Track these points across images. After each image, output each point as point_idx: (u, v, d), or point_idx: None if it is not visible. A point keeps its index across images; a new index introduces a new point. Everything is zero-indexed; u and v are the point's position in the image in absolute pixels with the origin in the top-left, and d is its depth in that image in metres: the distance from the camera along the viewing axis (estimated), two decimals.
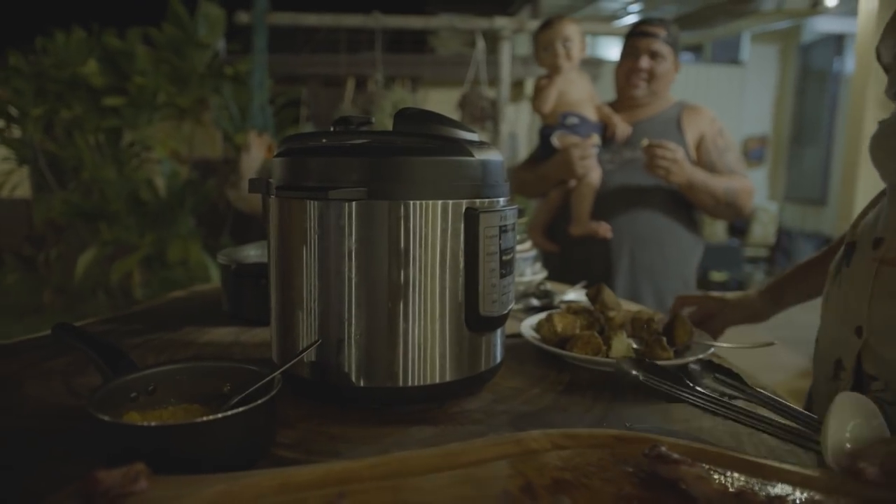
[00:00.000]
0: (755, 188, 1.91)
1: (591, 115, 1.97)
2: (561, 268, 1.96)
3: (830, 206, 7.84)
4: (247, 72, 4.59)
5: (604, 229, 1.84)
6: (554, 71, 1.96)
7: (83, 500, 0.42)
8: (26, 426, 0.68)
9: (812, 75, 8.51)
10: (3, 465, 0.59)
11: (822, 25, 7.55)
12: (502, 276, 0.76)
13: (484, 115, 3.36)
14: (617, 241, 1.88)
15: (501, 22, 3.16)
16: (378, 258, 0.70)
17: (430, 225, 0.71)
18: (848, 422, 0.57)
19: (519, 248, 1.37)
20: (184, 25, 4.75)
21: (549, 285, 1.38)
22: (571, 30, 1.95)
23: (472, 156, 0.74)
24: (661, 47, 1.93)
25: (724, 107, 8.34)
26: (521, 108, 6.04)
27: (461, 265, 0.72)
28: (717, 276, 7.23)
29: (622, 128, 1.94)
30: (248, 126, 3.95)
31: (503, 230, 0.76)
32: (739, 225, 8.12)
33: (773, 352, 5.06)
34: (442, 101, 5.14)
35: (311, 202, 0.71)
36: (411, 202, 0.70)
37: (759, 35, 8.54)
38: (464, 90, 3.38)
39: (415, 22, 3.34)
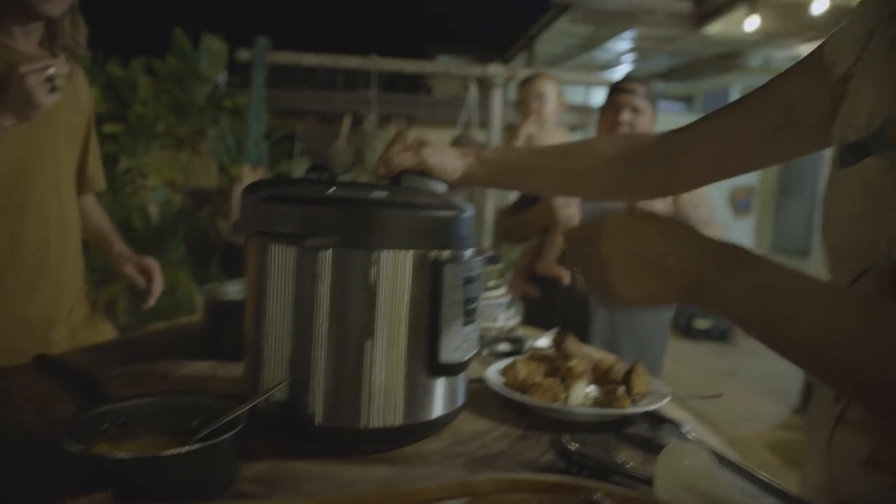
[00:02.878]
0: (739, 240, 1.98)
1: None
2: (541, 312, 2.00)
3: (814, 257, 7.96)
4: (245, 105, 4.69)
5: (563, 275, 1.89)
6: (528, 123, 2.07)
7: None
8: None
9: None
10: None
11: None
12: (465, 324, 0.81)
13: None
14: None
15: (494, 69, 3.28)
16: (347, 304, 0.74)
17: (398, 274, 0.75)
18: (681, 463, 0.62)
19: (493, 294, 1.42)
20: (187, 58, 4.86)
21: (522, 331, 1.42)
22: (547, 87, 2.06)
23: (442, 209, 0.79)
24: (642, 102, 2.03)
25: None
26: None
27: (425, 313, 0.77)
28: (702, 323, 7.26)
29: None
30: (243, 160, 4.03)
31: (468, 281, 0.81)
32: None
33: (755, 402, 5.07)
34: (436, 142, 5.26)
35: (287, 248, 0.75)
36: (381, 252, 0.74)
37: (748, 87, 8.78)
38: (456, 133, 3.49)
39: (410, 66, 3.45)
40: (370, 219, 0.75)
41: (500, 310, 1.44)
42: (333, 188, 0.80)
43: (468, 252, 0.83)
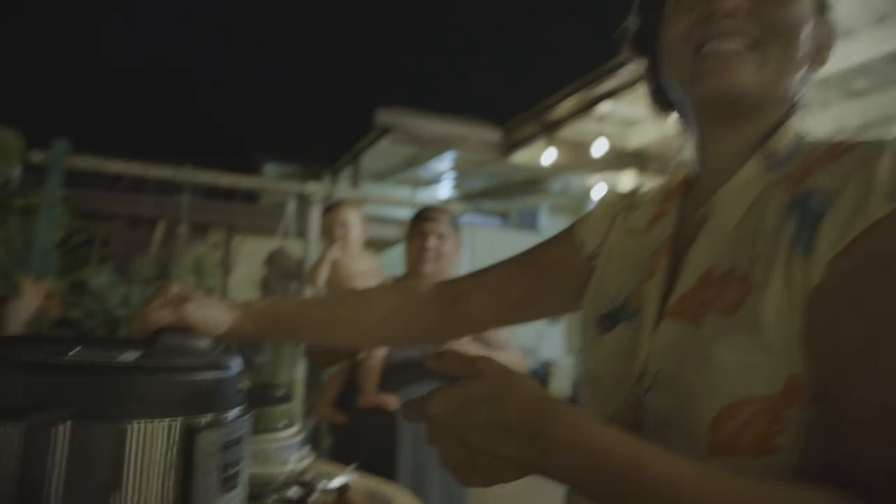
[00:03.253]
0: (523, 359, 2.11)
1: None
2: (348, 440, 1.97)
3: None
4: (41, 206, 4.24)
5: (389, 401, 1.91)
6: (333, 249, 2.12)
7: None
8: None
9: None
10: None
11: None
12: (225, 490, 0.76)
13: (290, 274, 3.42)
14: (401, 413, 1.94)
15: (312, 187, 3.33)
16: (87, 481, 0.67)
17: (148, 447, 0.70)
18: None
19: (284, 434, 1.37)
20: None
21: (316, 471, 1.37)
22: (350, 215, 2.14)
23: (200, 372, 0.76)
24: (446, 229, 2.16)
25: None
26: None
27: (178, 487, 0.71)
28: None
29: None
30: (25, 271, 3.61)
31: (228, 444, 0.77)
32: (539, 378, 8.71)
33: None
34: (257, 251, 5.12)
35: (13, 424, 0.67)
36: (128, 424, 0.69)
37: (555, 207, 9.79)
38: (271, 250, 3.44)
39: (226, 179, 3.39)
40: (115, 387, 0.70)
41: (291, 451, 1.38)
42: (77, 349, 0.74)
43: (232, 413, 0.80)
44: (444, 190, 8.86)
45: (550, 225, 10.01)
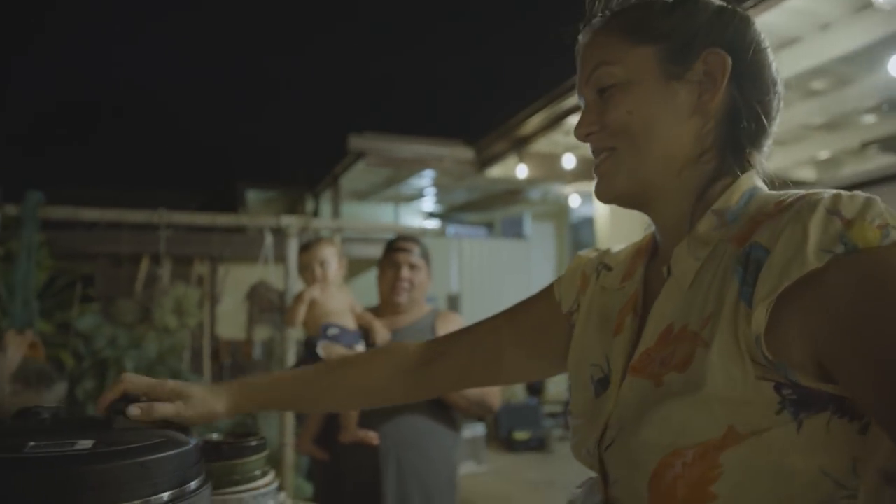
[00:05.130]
0: (500, 388, 2.15)
1: (351, 324, 2.15)
2: (332, 475, 2.00)
3: None
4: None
5: (371, 437, 1.93)
6: (312, 289, 2.15)
7: None
8: None
9: (582, 247, 9.90)
10: None
11: (582, 211, 8.97)
12: None
13: (272, 306, 3.46)
14: (384, 446, 1.97)
15: (288, 220, 3.38)
16: None
17: None
18: None
19: (260, 483, 1.41)
20: None
21: None
22: (328, 252, 2.18)
23: (152, 452, 0.80)
24: (418, 260, 2.19)
25: (513, 274, 9.32)
26: None
27: None
28: (520, 435, 7.58)
29: (382, 335, 2.13)
30: (6, 322, 3.63)
31: None
32: (536, 384, 8.74)
33: None
34: (243, 280, 5.15)
35: None
36: None
37: (538, 214, 9.88)
38: (252, 283, 3.50)
39: (202, 219, 3.44)
40: (72, 478, 0.73)
41: (267, 499, 1.43)
42: (31, 444, 0.77)
43: (192, 485, 0.84)
44: (426, 205, 8.94)
45: (535, 232, 10.10)
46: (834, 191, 0.60)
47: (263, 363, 4.27)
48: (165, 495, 0.78)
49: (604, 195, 0.78)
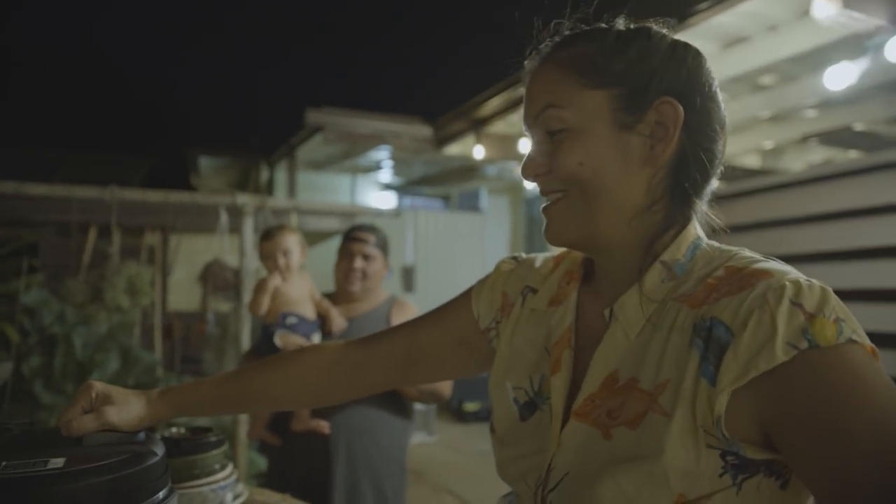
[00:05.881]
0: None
1: (310, 312, 2.18)
2: (283, 459, 2.05)
3: None
4: None
5: (322, 426, 1.99)
6: (274, 277, 2.16)
7: None
8: None
9: (535, 223, 10.10)
10: None
11: (535, 187, 9.08)
12: None
13: (227, 285, 3.44)
14: (335, 435, 2.04)
15: (243, 199, 3.35)
16: None
17: None
18: None
19: (219, 476, 1.46)
20: None
21: None
22: (291, 241, 2.18)
23: (121, 469, 0.84)
24: (372, 250, 2.22)
25: (468, 247, 9.43)
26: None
27: None
28: (470, 406, 7.77)
29: (338, 322, 2.18)
30: None
31: None
32: None
33: None
34: (197, 248, 5.06)
35: None
36: None
37: (493, 189, 9.95)
38: (207, 262, 3.46)
39: (153, 197, 3.38)
40: (44, 499, 0.77)
41: (227, 490, 1.48)
42: (3, 464, 0.79)
43: (161, 494, 0.89)
44: (383, 177, 8.90)
45: (491, 205, 10.19)
46: (792, 276, 0.62)
47: (217, 340, 4.25)
48: None
49: (554, 240, 0.77)
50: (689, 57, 0.72)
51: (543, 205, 0.77)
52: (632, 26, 0.74)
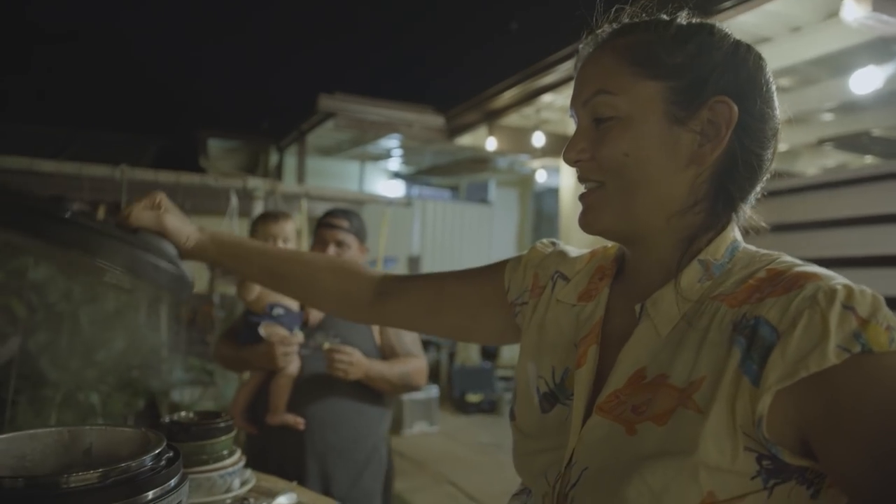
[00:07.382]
0: (426, 366, 2.17)
1: (294, 303, 2.12)
2: (260, 448, 2.03)
3: None
4: None
5: (297, 422, 1.96)
6: None
7: None
8: None
9: (543, 216, 10.07)
10: None
11: (546, 180, 9.06)
12: None
13: None
14: (309, 428, 2.00)
15: (254, 183, 3.34)
16: None
17: None
18: None
19: (228, 461, 1.45)
20: None
21: (257, 495, 1.47)
22: (289, 229, 2.13)
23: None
24: (346, 237, 2.11)
25: (474, 239, 9.42)
26: None
27: None
28: (473, 397, 7.77)
29: (315, 313, 2.14)
30: None
31: None
32: (490, 349, 8.93)
33: (515, 475, 5.54)
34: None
35: None
36: None
37: (503, 181, 9.93)
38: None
39: (166, 177, 3.37)
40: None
41: (234, 477, 1.47)
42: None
43: (172, 482, 0.88)
44: (393, 165, 8.87)
45: (500, 198, 10.16)
46: (840, 280, 0.60)
47: (223, 323, 4.25)
48: (150, 494, 0.82)
49: (589, 227, 0.75)
50: (752, 58, 0.70)
51: (581, 192, 0.75)
52: (694, 21, 0.72)
